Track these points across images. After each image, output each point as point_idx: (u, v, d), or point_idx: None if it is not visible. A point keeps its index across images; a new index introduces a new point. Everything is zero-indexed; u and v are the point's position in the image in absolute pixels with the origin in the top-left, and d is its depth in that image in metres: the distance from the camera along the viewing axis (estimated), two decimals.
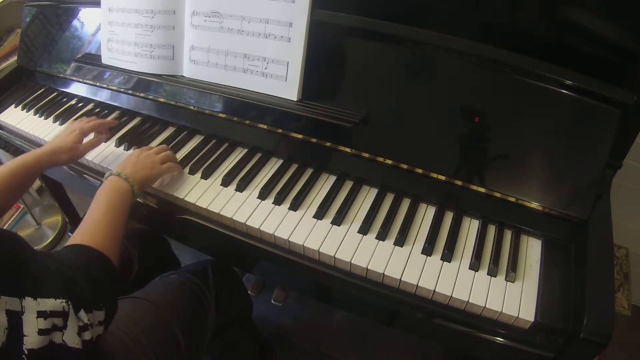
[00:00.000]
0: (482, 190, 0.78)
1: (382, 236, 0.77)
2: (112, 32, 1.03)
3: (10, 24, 1.63)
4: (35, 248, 0.57)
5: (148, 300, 0.83)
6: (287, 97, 0.88)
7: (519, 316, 0.67)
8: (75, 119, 1.10)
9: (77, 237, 0.64)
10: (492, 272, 0.72)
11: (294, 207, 0.82)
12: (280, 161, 0.93)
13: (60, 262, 0.56)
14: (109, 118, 1.10)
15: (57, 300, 0.49)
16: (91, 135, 0.95)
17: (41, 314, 0.47)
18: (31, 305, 0.46)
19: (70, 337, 0.50)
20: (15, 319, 0.44)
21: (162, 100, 1.02)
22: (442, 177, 0.80)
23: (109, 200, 0.73)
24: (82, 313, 0.52)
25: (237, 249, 0.84)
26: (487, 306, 0.68)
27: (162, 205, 0.89)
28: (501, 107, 0.79)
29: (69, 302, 0.50)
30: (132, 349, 0.74)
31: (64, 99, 1.20)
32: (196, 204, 0.84)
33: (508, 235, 0.79)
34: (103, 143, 0.98)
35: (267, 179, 0.88)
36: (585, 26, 0.77)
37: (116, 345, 0.71)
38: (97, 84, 1.11)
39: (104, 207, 0.71)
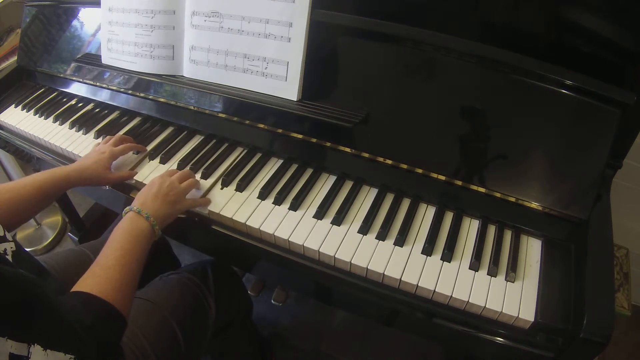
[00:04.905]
0: (482, 190, 0.78)
1: (382, 236, 0.77)
2: (112, 32, 1.03)
3: (10, 24, 1.63)
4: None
5: (148, 300, 0.83)
6: (287, 97, 0.88)
7: (519, 316, 0.67)
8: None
9: (87, 282, 0.60)
10: (492, 272, 0.72)
11: (294, 207, 0.82)
12: (280, 161, 0.93)
13: (70, 313, 0.53)
14: (109, 118, 1.10)
15: (66, 355, 0.47)
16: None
17: None
18: (38, 354, 0.44)
19: None
20: None
21: (162, 100, 1.02)
22: (442, 177, 0.80)
23: (125, 242, 0.67)
24: None
25: (237, 249, 0.84)
26: (487, 306, 0.68)
27: None
28: (501, 107, 0.79)
29: (77, 359, 0.48)
30: (131, 348, 0.74)
31: (64, 99, 1.20)
32: None
33: (508, 235, 0.79)
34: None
35: (267, 179, 0.88)
36: (586, 26, 0.77)
37: None
38: (97, 84, 1.11)
39: (119, 251, 0.65)
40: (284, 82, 0.87)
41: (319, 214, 0.81)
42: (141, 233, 0.70)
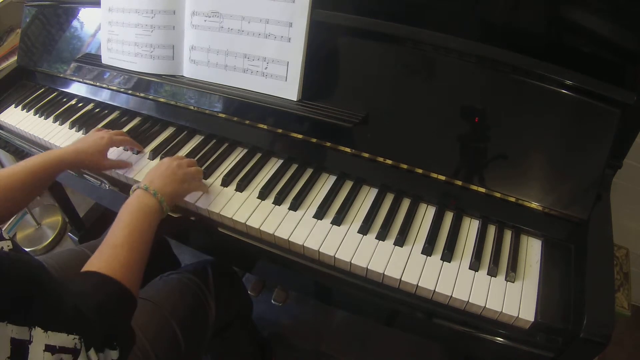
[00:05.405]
0: (482, 190, 0.78)
1: (382, 236, 0.77)
2: (112, 32, 1.03)
3: (10, 24, 1.63)
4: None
5: (148, 300, 0.83)
6: (287, 97, 0.88)
7: (519, 316, 0.67)
8: (74, 119, 1.09)
9: (96, 262, 0.59)
10: (492, 272, 0.72)
11: (294, 207, 0.82)
12: (280, 161, 0.93)
13: (76, 294, 0.51)
14: (109, 118, 1.10)
15: (69, 336, 0.45)
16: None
17: (49, 348, 0.43)
18: (40, 337, 0.43)
19: None
20: (20, 349, 0.41)
21: (162, 100, 1.02)
22: (442, 177, 0.80)
23: (133, 219, 0.65)
24: (92, 352, 0.48)
25: (237, 249, 0.84)
26: (487, 306, 0.68)
27: None
28: (501, 107, 0.79)
29: (82, 339, 0.46)
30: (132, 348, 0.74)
31: (64, 99, 1.20)
32: (196, 204, 0.84)
33: (508, 235, 0.79)
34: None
35: (267, 179, 0.88)
36: (586, 26, 0.77)
37: None
38: (97, 84, 1.11)
39: (127, 229, 0.64)
40: (284, 82, 0.87)
41: (319, 214, 0.81)
42: (149, 210, 0.69)
